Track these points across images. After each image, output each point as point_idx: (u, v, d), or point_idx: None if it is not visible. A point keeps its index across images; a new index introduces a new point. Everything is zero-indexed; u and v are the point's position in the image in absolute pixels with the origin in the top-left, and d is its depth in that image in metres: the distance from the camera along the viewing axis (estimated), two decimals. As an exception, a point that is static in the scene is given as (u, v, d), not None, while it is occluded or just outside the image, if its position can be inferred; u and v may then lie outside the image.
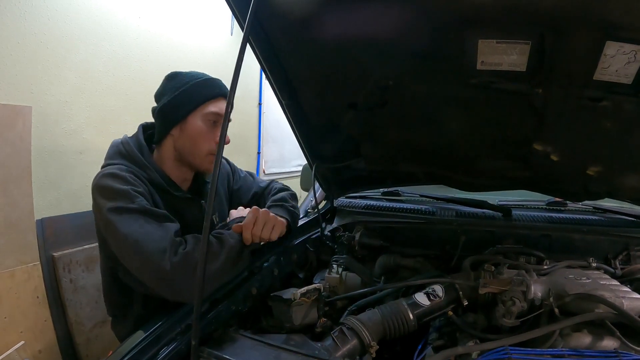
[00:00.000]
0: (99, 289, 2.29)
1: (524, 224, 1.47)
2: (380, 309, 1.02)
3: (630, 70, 0.95)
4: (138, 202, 1.04)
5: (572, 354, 0.80)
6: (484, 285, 1.04)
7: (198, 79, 1.20)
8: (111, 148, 1.22)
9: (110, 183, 1.07)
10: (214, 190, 0.75)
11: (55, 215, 2.22)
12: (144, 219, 1.02)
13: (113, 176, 1.09)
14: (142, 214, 1.03)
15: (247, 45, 1.07)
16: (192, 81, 1.19)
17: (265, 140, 4.36)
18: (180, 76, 1.22)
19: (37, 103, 2.12)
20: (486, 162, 1.45)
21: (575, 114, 1.13)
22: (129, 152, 1.18)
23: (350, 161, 1.54)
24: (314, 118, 1.39)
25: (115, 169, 1.12)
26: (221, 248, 1.04)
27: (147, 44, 2.79)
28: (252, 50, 1.13)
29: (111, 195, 1.06)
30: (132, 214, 1.02)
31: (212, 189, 0.76)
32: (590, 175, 1.35)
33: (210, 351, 0.88)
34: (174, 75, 1.23)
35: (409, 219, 1.58)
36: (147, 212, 1.04)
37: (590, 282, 1.01)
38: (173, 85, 1.21)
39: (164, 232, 1.01)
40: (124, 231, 1.00)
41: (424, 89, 1.20)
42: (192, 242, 1.02)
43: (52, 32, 2.20)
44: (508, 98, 1.14)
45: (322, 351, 0.88)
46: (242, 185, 1.52)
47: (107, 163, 1.17)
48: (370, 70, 1.17)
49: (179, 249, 0.99)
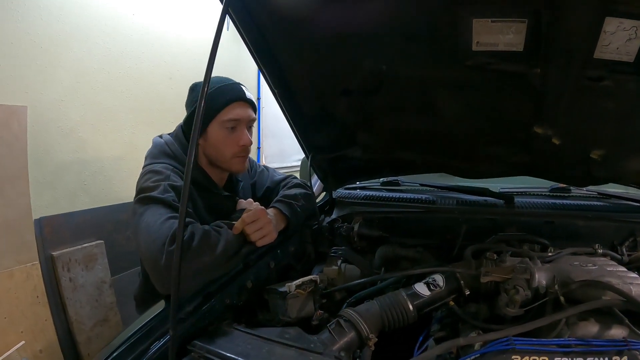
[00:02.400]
0: (99, 287, 2.35)
1: (527, 211, 1.45)
2: (379, 300, 0.99)
3: (631, 48, 0.91)
4: (167, 196, 1.07)
5: (580, 343, 0.77)
6: (486, 274, 1.00)
7: (211, 89, 1.21)
8: (155, 147, 1.27)
9: (152, 178, 1.13)
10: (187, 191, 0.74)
11: (53, 214, 2.22)
12: (165, 210, 1.04)
13: (155, 172, 1.15)
14: (167, 206, 1.05)
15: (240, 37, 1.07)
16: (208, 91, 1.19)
17: (264, 135, 4.35)
18: (198, 87, 1.26)
19: (32, 102, 2.12)
20: (486, 147, 1.41)
21: (576, 94, 1.10)
22: (174, 153, 1.24)
23: (346, 150, 1.52)
24: (308, 107, 1.37)
25: (160, 167, 1.17)
26: (219, 241, 1.03)
27: (141, 40, 2.77)
28: (243, 40, 1.12)
29: (146, 187, 1.10)
30: (157, 204, 1.05)
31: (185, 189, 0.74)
32: (593, 159, 1.32)
33: (202, 345, 0.86)
34: (193, 87, 1.29)
35: (408, 208, 1.56)
36: (171, 205, 1.06)
37: (597, 268, 0.98)
38: (191, 98, 1.27)
39: (173, 222, 1.01)
40: (142, 218, 1.04)
41: (419, 73, 1.18)
42: (189, 231, 1.00)
43: (45, 32, 2.20)
44: (506, 79, 1.11)
45: (317, 344, 0.85)
46: (257, 180, 1.54)
47: (152, 162, 1.22)
48: (362, 56, 1.15)
49: None
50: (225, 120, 1.22)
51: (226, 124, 1.23)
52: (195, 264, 0.96)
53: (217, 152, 1.26)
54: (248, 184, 1.50)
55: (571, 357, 0.75)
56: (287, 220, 1.28)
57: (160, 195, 1.07)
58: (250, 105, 1.27)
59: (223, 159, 1.27)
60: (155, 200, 1.06)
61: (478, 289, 1.04)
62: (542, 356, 0.76)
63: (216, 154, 1.27)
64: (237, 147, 1.26)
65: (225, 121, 1.22)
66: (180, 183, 1.14)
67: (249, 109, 1.26)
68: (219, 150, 1.26)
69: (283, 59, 1.20)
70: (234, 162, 1.28)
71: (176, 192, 1.11)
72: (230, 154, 1.26)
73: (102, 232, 2.40)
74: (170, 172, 1.17)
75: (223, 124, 1.23)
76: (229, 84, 1.25)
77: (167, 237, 0.96)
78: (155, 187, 1.10)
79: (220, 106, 1.22)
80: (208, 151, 1.27)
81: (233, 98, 1.23)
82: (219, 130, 1.23)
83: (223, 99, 1.22)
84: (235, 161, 1.28)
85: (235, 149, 1.26)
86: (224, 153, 1.26)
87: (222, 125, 1.23)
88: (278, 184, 1.51)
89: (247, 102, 1.26)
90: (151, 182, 1.12)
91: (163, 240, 0.96)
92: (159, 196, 1.06)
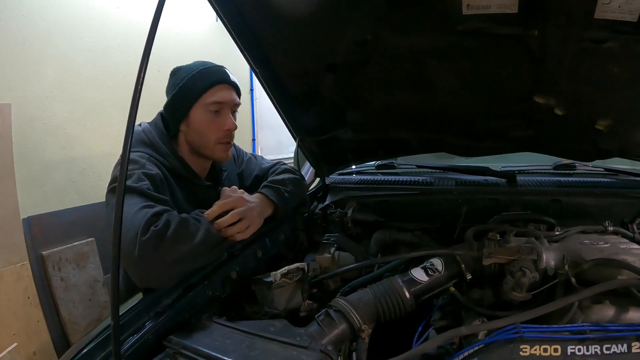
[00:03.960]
0: (92, 287, 2.30)
1: (531, 189, 1.41)
2: (372, 288, 0.92)
3: (634, 6, 0.87)
4: (141, 184, 1.02)
5: (595, 329, 0.71)
6: (488, 256, 0.93)
7: (194, 72, 1.18)
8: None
9: None
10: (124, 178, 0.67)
11: (42, 213, 2.20)
12: (139, 199, 0.99)
13: (130, 161, 1.08)
14: (140, 195, 1.00)
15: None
16: (189, 75, 1.17)
17: (259, 126, 4.37)
18: (179, 71, 1.21)
19: (16, 100, 2.09)
20: (484, 121, 1.36)
21: (578, 58, 1.05)
22: (151, 141, 1.18)
23: (337, 131, 1.47)
24: (293, 86, 1.32)
25: (136, 156, 1.11)
26: (198, 230, 0.97)
27: (127, 33, 2.74)
28: (218, 16, 1.09)
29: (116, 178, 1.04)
30: (131, 192, 1.00)
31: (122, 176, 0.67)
32: (599, 131, 1.27)
33: (178, 340, 0.80)
34: (175, 71, 1.23)
35: (405, 191, 1.51)
36: (145, 194, 1.00)
37: (609, 246, 0.91)
38: (173, 82, 1.21)
39: (147, 211, 0.95)
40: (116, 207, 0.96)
41: (407, 42, 1.12)
42: (164, 219, 0.94)
43: (28, 28, 2.18)
44: (502, 44, 1.06)
45: (304, 338, 0.78)
46: (244, 168, 1.48)
47: None
48: (344, 24, 1.09)
49: (151, 227, 0.91)
50: (209, 103, 1.17)
51: (210, 107, 1.17)
52: (171, 254, 0.90)
53: (201, 138, 1.20)
54: (234, 173, 1.44)
55: (586, 345, 0.69)
56: (275, 206, 1.21)
57: (133, 184, 1.01)
58: (234, 88, 1.22)
59: (206, 144, 1.21)
60: (128, 190, 1.00)
61: (481, 272, 0.97)
62: (554, 344, 0.70)
63: (199, 139, 1.21)
64: (221, 132, 1.20)
65: (209, 104, 1.17)
66: (156, 171, 1.09)
67: (233, 92, 1.21)
68: (202, 135, 1.20)
69: (261, 34, 1.16)
70: (217, 148, 1.22)
71: (151, 180, 1.05)
72: (215, 139, 1.20)
73: (93, 229, 2.36)
74: (146, 160, 1.11)
75: (207, 107, 1.17)
76: (213, 67, 1.20)
77: (140, 227, 0.90)
78: (129, 176, 1.04)
79: (204, 88, 1.16)
80: (191, 137, 1.21)
81: (217, 80, 1.18)
82: (203, 114, 1.18)
83: (207, 80, 1.17)
84: (219, 148, 1.22)
85: (220, 133, 1.20)
86: (207, 138, 1.20)
87: (206, 108, 1.17)
88: (267, 171, 1.46)
89: (231, 85, 1.20)
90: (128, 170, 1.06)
91: (136, 231, 0.90)
92: (132, 185, 1.01)
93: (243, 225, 1.05)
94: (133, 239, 0.89)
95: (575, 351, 0.69)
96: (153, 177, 1.07)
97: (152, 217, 0.93)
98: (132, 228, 0.90)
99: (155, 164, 1.12)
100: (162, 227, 0.91)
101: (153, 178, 1.06)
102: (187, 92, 1.16)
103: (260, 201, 1.17)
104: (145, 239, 0.88)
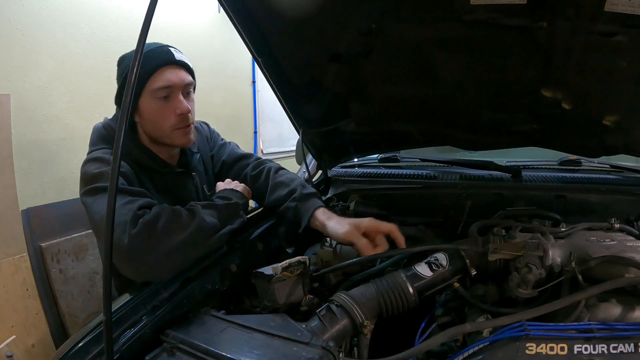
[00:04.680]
0: (91, 279, 2.29)
1: (536, 184, 1.38)
2: (375, 282, 0.90)
3: None
4: None
5: (602, 328, 0.69)
6: (494, 251, 0.91)
7: None
8: (93, 133, 1.17)
9: (91, 168, 1.04)
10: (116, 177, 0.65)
11: (41, 205, 2.19)
12: (118, 196, 0.93)
13: (94, 160, 1.06)
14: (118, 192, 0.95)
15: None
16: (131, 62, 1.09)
17: (261, 119, 4.36)
18: (123, 60, 1.16)
19: (15, 91, 2.09)
20: (489, 115, 1.33)
21: (586, 52, 1.03)
22: (112, 136, 1.12)
23: (339, 123, 1.45)
24: (295, 76, 1.30)
25: (99, 153, 1.08)
26: (192, 219, 0.96)
27: (128, 25, 2.73)
28: (220, 4, 1.07)
29: (89, 179, 1.03)
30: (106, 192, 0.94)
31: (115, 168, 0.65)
32: (606, 126, 1.24)
33: (176, 334, 0.79)
34: (120, 61, 1.17)
35: (408, 184, 1.49)
36: (122, 190, 0.97)
37: (616, 243, 0.90)
38: (119, 73, 1.16)
39: (131, 206, 0.93)
40: (94, 209, 0.98)
41: (412, 32, 1.11)
42: (154, 211, 0.92)
43: (27, 18, 2.17)
44: (509, 36, 1.04)
45: (305, 333, 0.76)
46: (215, 153, 1.41)
47: (91, 150, 1.13)
48: (348, 13, 1.07)
49: (140, 220, 0.90)
50: (156, 89, 1.09)
51: (157, 93, 1.09)
52: (165, 244, 0.89)
53: (155, 127, 1.14)
54: (207, 156, 1.37)
55: (593, 344, 0.67)
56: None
57: (106, 184, 0.97)
58: (182, 67, 1.13)
59: (162, 133, 1.14)
60: (104, 189, 0.97)
61: (486, 268, 0.95)
62: (561, 343, 0.68)
63: (154, 129, 1.14)
64: (174, 117, 1.12)
65: (156, 90, 1.09)
66: (125, 167, 1.05)
67: (181, 72, 1.12)
68: (155, 124, 1.13)
69: (263, 23, 1.13)
70: (175, 135, 1.14)
71: (122, 176, 1.02)
72: (169, 127, 1.13)
73: (93, 221, 2.33)
74: (110, 156, 1.06)
75: (154, 93, 1.09)
76: (154, 49, 1.11)
77: (128, 221, 0.88)
78: (99, 175, 1.01)
79: (147, 75, 1.08)
80: (146, 128, 1.15)
81: (160, 63, 1.09)
82: (151, 102, 1.10)
83: (148, 66, 1.08)
84: (176, 134, 1.14)
85: (173, 119, 1.12)
86: (161, 127, 1.13)
87: (153, 95, 1.09)
88: (237, 161, 1.38)
89: (178, 64, 1.12)
90: (94, 170, 1.02)
91: (124, 227, 0.88)
92: (106, 185, 0.97)
93: None
94: (122, 234, 0.87)
95: (582, 350, 0.67)
96: (124, 173, 1.04)
97: (138, 211, 0.92)
98: (119, 225, 0.88)
99: None
100: (152, 219, 0.90)
101: (124, 174, 1.04)
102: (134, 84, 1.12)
103: None
104: (135, 232, 0.87)
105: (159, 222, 0.90)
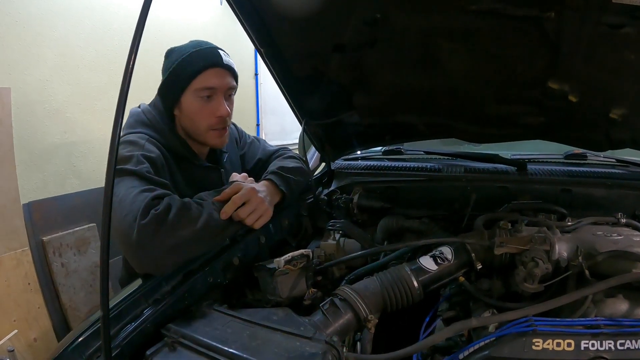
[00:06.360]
0: (93, 272, 2.29)
1: (542, 178, 1.37)
2: (379, 276, 0.89)
3: None
4: (141, 167, 1.00)
5: (609, 324, 0.69)
6: (500, 245, 0.90)
7: (184, 55, 1.13)
8: (131, 117, 1.19)
9: (123, 150, 1.05)
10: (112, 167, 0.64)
11: (43, 198, 2.18)
12: (138, 182, 0.97)
13: (128, 143, 1.07)
14: (140, 178, 0.98)
15: None
16: (179, 59, 1.13)
17: (264, 112, 4.35)
18: (173, 54, 1.16)
19: (16, 84, 2.06)
20: (495, 107, 1.31)
21: (594, 43, 1.01)
22: (151, 121, 1.16)
23: (343, 115, 1.43)
24: (298, 67, 1.28)
25: (135, 137, 1.10)
26: (201, 214, 0.94)
27: (129, 16, 2.68)
28: None
29: (119, 160, 1.01)
30: (130, 175, 0.98)
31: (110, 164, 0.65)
32: (613, 120, 1.23)
33: (177, 329, 0.78)
34: (168, 53, 1.19)
35: (412, 177, 1.48)
36: (145, 177, 0.99)
37: (623, 238, 0.88)
38: (165, 65, 1.18)
39: (148, 194, 0.92)
40: (115, 191, 0.94)
41: (417, 21, 1.08)
42: (165, 203, 0.91)
43: (27, 10, 2.12)
44: (516, 26, 1.02)
45: (308, 327, 0.75)
46: (247, 151, 1.45)
47: (128, 132, 1.14)
48: (353, 2, 1.05)
49: (152, 210, 0.89)
50: (200, 89, 1.12)
51: (201, 93, 1.13)
52: (172, 239, 0.87)
53: (192, 124, 1.17)
54: (236, 156, 1.41)
55: (600, 340, 0.67)
56: (283, 195, 1.19)
57: (133, 167, 0.98)
58: (228, 71, 1.16)
59: (198, 131, 1.18)
60: (129, 173, 0.98)
61: (491, 262, 0.94)
62: (567, 339, 0.68)
63: (191, 125, 1.18)
64: (213, 119, 1.16)
65: (200, 90, 1.12)
66: (156, 153, 1.06)
67: (227, 76, 1.16)
68: (193, 122, 1.17)
69: (266, 12, 1.11)
70: (210, 135, 1.18)
71: (151, 162, 1.03)
72: (206, 126, 1.16)
73: (94, 214, 2.34)
74: (145, 141, 1.08)
75: (197, 92, 1.13)
76: (204, 49, 1.15)
77: (140, 210, 0.87)
78: (129, 159, 1.01)
79: (194, 73, 1.11)
80: (183, 123, 1.18)
81: (208, 64, 1.12)
82: (194, 100, 1.14)
83: (197, 65, 1.11)
84: (211, 134, 1.18)
85: (212, 120, 1.16)
86: (199, 125, 1.16)
87: (197, 94, 1.13)
88: (270, 156, 1.43)
89: (224, 68, 1.15)
90: (125, 153, 1.03)
91: (135, 215, 0.87)
92: (132, 168, 0.98)
93: (254, 217, 1.03)
94: (132, 222, 0.86)
95: (589, 346, 0.66)
96: (153, 159, 1.04)
97: (152, 201, 0.91)
98: (132, 212, 0.88)
99: (154, 144, 1.09)
100: (163, 211, 0.89)
101: (153, 160, 1.04)
102: (177, 77, 1.13)
103: (269, 190, 1.15)
104: (145, 223, 0.86)
105: (169, 214, 0.89)
